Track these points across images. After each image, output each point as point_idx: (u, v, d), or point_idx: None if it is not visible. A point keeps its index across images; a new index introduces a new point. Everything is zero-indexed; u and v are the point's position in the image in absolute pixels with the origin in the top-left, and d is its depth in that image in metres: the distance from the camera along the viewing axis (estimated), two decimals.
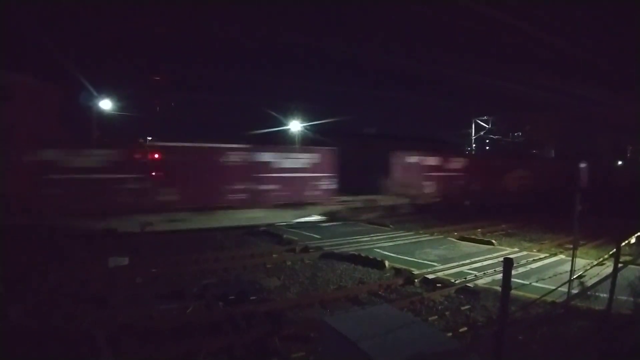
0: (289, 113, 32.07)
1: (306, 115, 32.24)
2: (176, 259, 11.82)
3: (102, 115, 23.55)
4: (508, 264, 2.67)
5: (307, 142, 31.86)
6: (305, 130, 31.93)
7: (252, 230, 16.42)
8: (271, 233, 15.60)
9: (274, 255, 12.29)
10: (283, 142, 33.58)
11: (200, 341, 6.37)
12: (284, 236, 14.89)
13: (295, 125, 31.34)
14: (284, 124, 32.04)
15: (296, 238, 14.54)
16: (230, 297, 8.28)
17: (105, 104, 23.51)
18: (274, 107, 32.68)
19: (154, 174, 15.60)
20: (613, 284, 4.41)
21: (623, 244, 11.45)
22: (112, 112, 24.22)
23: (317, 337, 6.11)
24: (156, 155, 15.75)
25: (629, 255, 8.35)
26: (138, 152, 15.49)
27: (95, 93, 22.89)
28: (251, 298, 8.33)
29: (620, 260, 5.23)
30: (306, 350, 6.13)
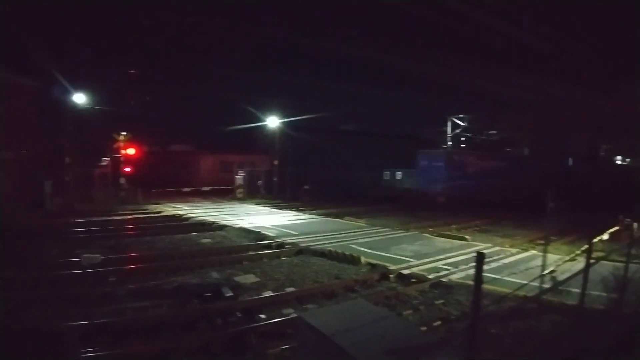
0: (266, 109, 31.89)
1: (284, 112, 32.12)
2: (150, 255, 11.69)
3: (75, 110, 22.99)
4: (480, 258, 2.71)
5: (284, 138, 31.78)
6: (283, 127, 31.78)
7: (228, 227, 16.28)
8: (248, 230, 15.50)
9: (250, 252, 12.23)
10: (260, 138, 33.42)
11: (176, 339, 6.29)
12: (261, 233, 14.81)
13: (273, 122, 31.17)
14: (262, 120, 31.83)
15: (272, 234, 14.49)
16: (206, 295, 8.21)
17: (79, 98, 22.95)
18: (251, 103, 32.45)
19: None
20: (585, 279, 4.53)
21: (596, 240, 11.85)
22: (86, 107, 23.66)
23: (294, 333, 6.11)
24: None
25: (602, 251, 8.60)
26: None
27: (69, 87, 22.33)
28: (227, 295, 8.26)
29: (593, 256, 5.37)
30: (283, 347, 6.12)
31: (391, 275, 9.99)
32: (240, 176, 29.28)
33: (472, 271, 2.79)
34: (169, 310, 7.59)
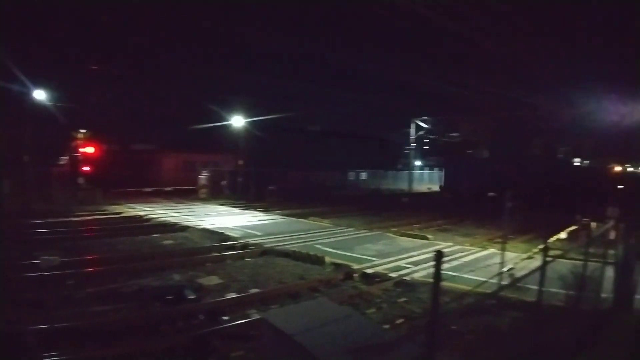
0: (231, 108, 31.46)
1: (249, 111, 31.77)
2: (110, 257, 11.35)
3: (35, 107, 22.06)
4: (439, 256, 2.78)
5: (249, 138, 31.49)
6: (248, 126, 31.45)
7: (191, 228, 16.00)
8: (211, 231, 15.27)
9: (213, 254, 12.05)
10: (225, 137, 32.96)
11: (138, 343, 6.14)
12: (224, 234, 14.63)
13: (238, 121, 30.80)
14: (227, 119, 31.38)
15: (236, 235, 14.33)
16: (168, 297, 8.04)
17: (39, 95, 22.00)
18: (216, 101, 31.87)
19: None
20: (542, 276, 4.70)
21: (554, 238, 12.40)
22: (46, 103, 22.72)
23: (257, 334, 6.07)
24: None
25: (560, 249, 8.96)
26: None
27: (28, 83, 21.37)
28: (189, 297, 8.12)
29: (551, 254, 5.57)
30: (246, 349, 6.08)
31: (355, 275, 10.07)
32: (203, 176, 28.81)
33: (433, 269, 2.85)
34: (130, 314, 7.39)
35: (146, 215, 18.92)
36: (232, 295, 8.50)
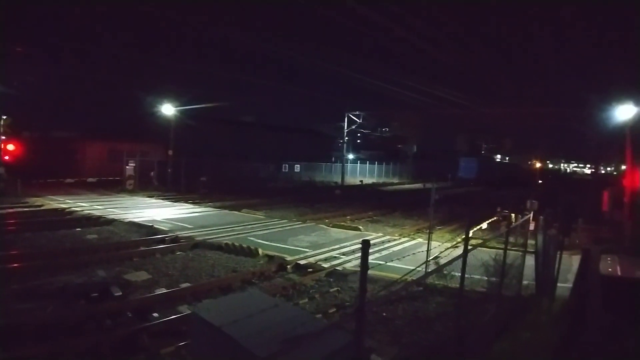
0: (162, 96, 30.12)
1: (180, 99, 30.58)
2: (31, 253, 10.58)
3: None
4: (365, 245, 2.90)
5: (180, 127, 30.40)
6: (179, 115, 30.31)
7: (117, 222, 15.26)
8: (139, 224, 14.67)
9: (141, 248, 11.60)
10: (154, 126, 31.56)
11: (63, 342, 5.82)
12: (153, 227, 14.11)
13: (168, 109, 29.58)
14: (156, 107, 30.02)
15: (166, 228, 13.88)
16: (93, 295, 7.68)
17: None
18: (146, 88, 30.33)
19: None
20: (464, 264, 5.01)
21: (476, 228, 13.21)
22: None
23: (189, 330, 5.97)
24: None
25: (481, 238, 9.58)
26: None
27: None
28: (116, 294, 7.79)
29: (473, 243, 5.94)
30: (176, 345, 5.95)
31: (288, 266, 10.16)
32: (130, 166, 27.48)
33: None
34: (54, 312, 6.98)
35: (69, 208, 17.79)
36: (162, 290, 8.26)
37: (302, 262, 10.41)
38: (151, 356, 5.80)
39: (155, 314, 7.10)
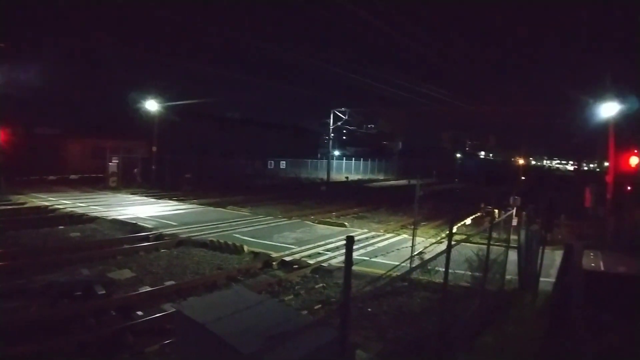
0: (146, 92, 29.65)
1: (165, 95, 30.15)
2: (14, 251, 10.38)
3: None
4: (350, 241, 2.91)
5: (165, 124, 30.01)
6: (163, 111, 29.92)
7: (100, 219, 15.05)
8: (122, 222, 14.50)
9: (125, 246, 11.47)
10: (138, 122, 31.11)
11: (47, 341, 5.74)
12: (137, 224, 13.96)
13: (152, 105, 29.18)
14: (140, 103, 29.56)
15: (150, 226, 13.74)
16: (77, 293, 7.60)
17: None
18: (130, 84, 29.82)
19: None
20: (448, 259, 5.07)
21: (460, 224, 13.38)
22: None
23: (173, 328, 5.93)
24: None
25: (465, 234, 9.68)
26: None
27: None
28: (99, 293, 7.71)
29: (457, 238, 6.01)
30: (161, 343, 5.91)
31: (274, 263, 10.15)
32: (113, 163, 27.09)
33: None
34: (38, 311, 6.89)
35: (52, 205, 17.49)
36: (146, 288, 8.18)
37: (287, 258, 10.40)
38: (136, 355, 5.75)
39: (140, 313, 7.04)
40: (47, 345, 5.68)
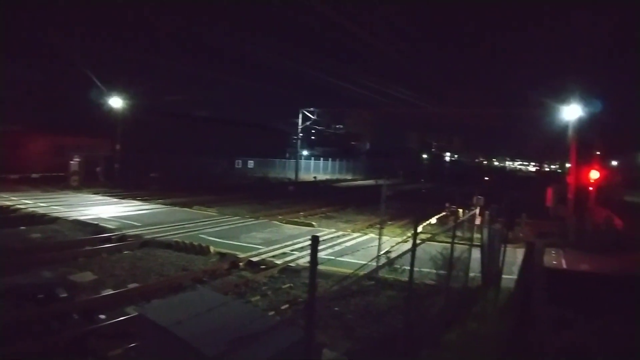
0: (109, 88, 28.77)
1: (129, 92, 29.32)
2: None
3: None
4: (315, 241, 2.94)
5: (129, 121, 29.21)
6: (128, 108, 29.13)
7: (61, 220, 14.54)
8: (84, 222, 14.05)
9: (86, 247, 11.13)
10: (102, 119, 30.18)
11: (10, 346, 5.56)
12: (99, 225, 13.56)
13: (116, 102, 28.35)
14: (104, 100, 28.65)
15: (112, 227, 13.38)
16: (39, 296, 7.36)
17: None
18: (95, 79, 28.63)
19: None
20: (413, 257, 5.16)
21: (425, 223, 13.63)
22: None
23: (136, 331, 5.82)
24: None
25: (430, 233, 9.87)
26: None
27: None
28: (61, 296, 7.47)
29: (422, 237, 6.12)
30: (125, 347, 5.78)
31: (241, 264, 10.08)
32: (75, 162, 26.21)
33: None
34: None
35: (13, 205, 16.79)
36: (109, 291, 7.97)
37: (254, 259, 10.35)
38: (99, 359, 5.61)
39: (102, 316, 6.86)
40: (8, 349, 5.49)
